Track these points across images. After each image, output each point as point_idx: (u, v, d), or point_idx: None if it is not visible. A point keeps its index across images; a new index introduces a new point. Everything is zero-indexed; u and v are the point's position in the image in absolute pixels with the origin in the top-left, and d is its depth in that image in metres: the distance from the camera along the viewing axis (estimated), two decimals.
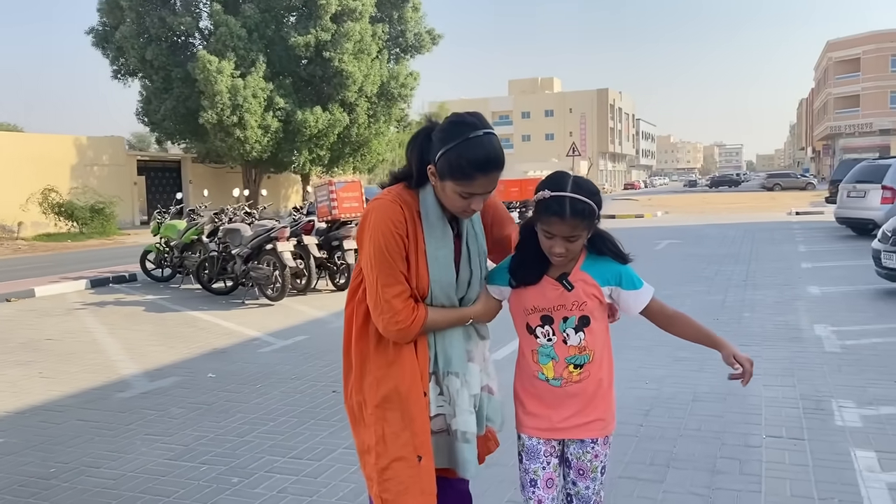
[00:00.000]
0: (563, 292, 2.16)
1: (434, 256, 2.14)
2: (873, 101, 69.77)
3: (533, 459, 2.23)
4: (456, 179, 2.04)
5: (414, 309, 2.11)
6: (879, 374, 5.42)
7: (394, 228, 2.09)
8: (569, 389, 2.19)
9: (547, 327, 2.18)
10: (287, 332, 7.87)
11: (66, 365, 6.69)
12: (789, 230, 19.39)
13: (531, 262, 2.18)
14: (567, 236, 2.08)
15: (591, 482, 2.24)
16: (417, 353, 2.16)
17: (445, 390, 2.19)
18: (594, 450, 2.23)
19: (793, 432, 4.28)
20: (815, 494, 3.45)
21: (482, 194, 2.08)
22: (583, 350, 2.17)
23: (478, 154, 2.01)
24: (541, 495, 2.21)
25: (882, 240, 9.08)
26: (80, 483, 3.90)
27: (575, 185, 2.09)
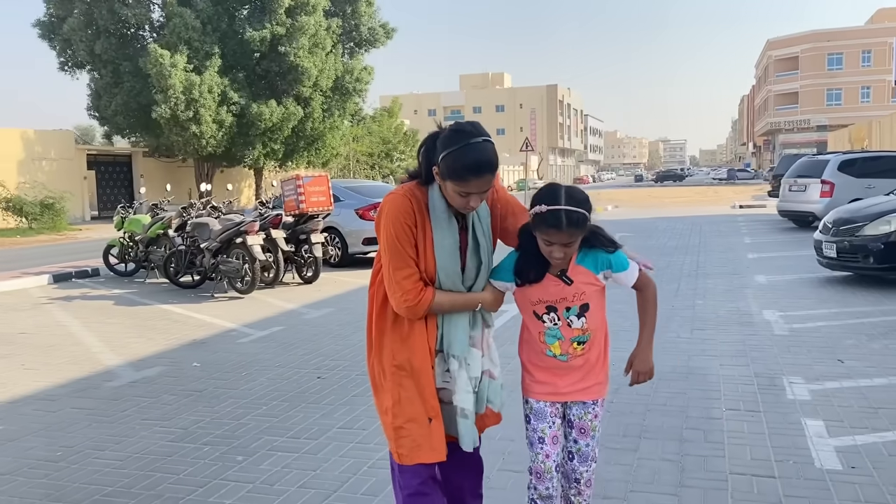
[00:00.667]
0: (563, 286, 2.46)
1: (440, 245, 2.42)
2: (811, 99, 72.18)
3: (540, 420, 2.55)
4: (454, 180, 2.32)
5: (422, 290, 2.40)
6: (823, 354, 5.90)
7: (403, 219, 2.39)
8: (573, 363, 2.52)
9: (552, 314, 2.49)
10: (262, 323, 8.07)
11: (48, 357, 6.78)
12: (734, 223, 20.17)
13: (533, 264, 2.45)
14: (565, 243, 2.36)
15: (590, 440, 2.57)
16: (427, 332, 2.46)
17: (450, 368, 2.49)
18: (594, 410, 2.56)
19: (749, 405, 4.70)
20: (772, 457, 3.86)
21: (478, 193, 2.35)
22: (585, 331, 2.50)
23: (471, 159, 2.29)
24: (548, 450, 2.54)
25: (823, 231, 9.68)
26: (88, 464, 4.09)
27: (568, 196, 2.35)
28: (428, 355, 2.47)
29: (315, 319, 8.19)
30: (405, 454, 2.48)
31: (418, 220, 2.42)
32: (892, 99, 64.08)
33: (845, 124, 53.36)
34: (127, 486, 3.77)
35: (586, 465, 2.57)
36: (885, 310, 7.56)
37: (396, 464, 2.56)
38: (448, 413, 2.51)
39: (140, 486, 3.76)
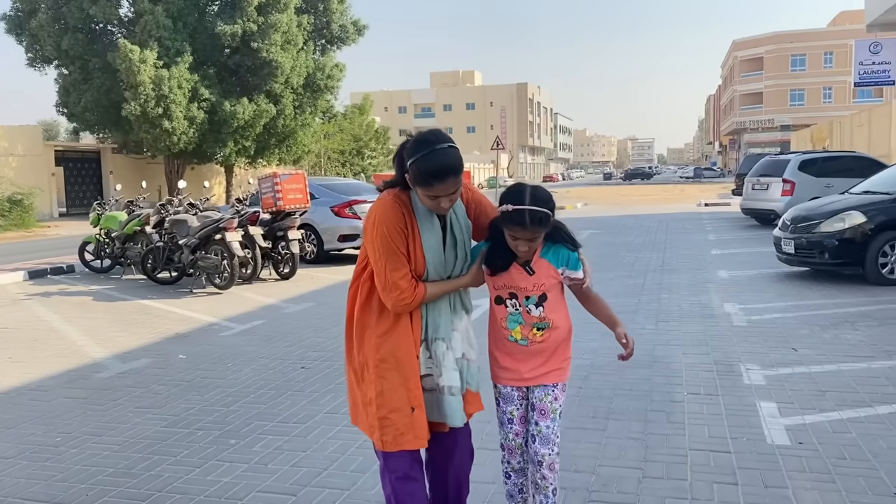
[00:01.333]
0: (526, 275, 2.69)
1: (428, 244, 2.62)
2: (775, 99, 73.61)
3: (508, 402, 2.81)
4: (421, 186, 2.50)
5: (415, 287, 2.59)
6: (779, 343, 6.28)
7: (396, 223, 2.58)
8: (533, 348, 2.74)
9: (514, 300, 2.73)
10: (243, 317, 8.28)
11: (34, 350, 6.94)
12: (699, 220, 20.71)
13: (500, 254, 2.69)
14: (529, 238, 2.59)
15: (550, 422, 2.74)
16: (412, 324, 2.65)
17: (433, 354, 2.68)
18: (554, 393, 2.76)
19: (709, 390, 5.05)
20: (728, 435, 4.20)
21: (446, 196, 2.52)
22: (543, 319, 2.72)
23: (435, 165, 2.45)
24: (517, 429, 2.81)
25: (782, 228, 10.13)
26: (87, 449, 4.30)
27: (532, 196, 2.56)
28: (413, 347, 2.64)
29: (295, 313, 8.42)
30: (389, 441, 2.64)
31: (408, 224, 2.60)
32: (853, 100, 65.52)
33: (808, 124, 54.59)
34: (127, 467, 3.99)
35: (548, 448, 2.72)
36: (837, 303, 7.99)
37: (381, 451, 2.70)
38: (430, 401, 2.69)
39: (139, 467, 3.99)
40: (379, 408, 2.64)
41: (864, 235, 9.12)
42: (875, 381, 5.13)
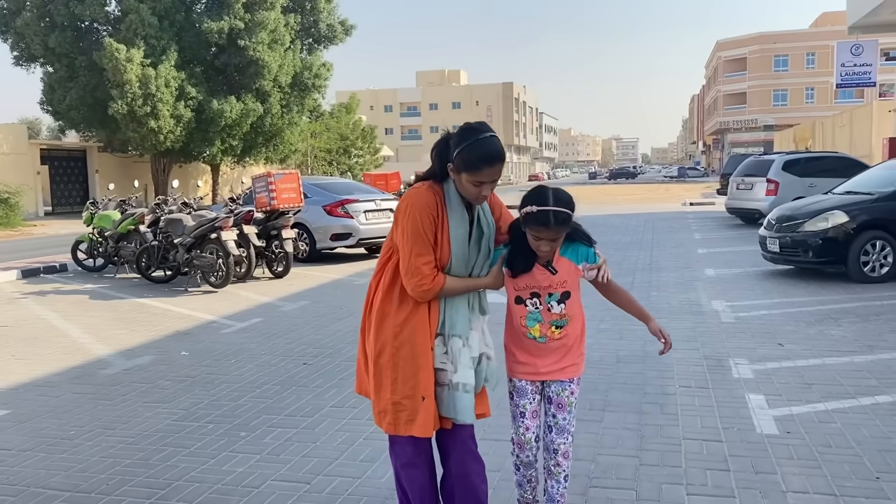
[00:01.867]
0: (549, 275, 2.79)
1: (455, 234, 2.72)
2: (758, 99, 74.31)
3: (522, 396, 2.90)
4: (469, 171, 2.62)
5: (436, 275, 2.68)
6: (766, 339, 6.50)
7: (429, 210, 2.69)
8: (551, 345, 2.84)
9: (535, 300, 2.82)
10: (241, 315, 8.41)
11: (36, 348, 7.04)
12: (685, 220, 20.99)
13: (523, 255, 2.79)
14: (552, 239, 2.71)
15: (567, 414, 2.88)
16: (430, 316, 2.74)
17: (450, 349, 2.74)
18: (570, 387, 2.89)
19: (700, 383, 5.25)
20: (719, 425, 4.39)
21: (489, 182, 2.66)
22: (563, 316, 2.82)
23: (483, 151, 2.60)
24: (528, 423, 2.90)
25: (767, 227, 10.37)
26: (102, 441, 4.44)
27: (555, 198, 2.68)
28: (429, 338, 2.73)
29: (292, 311, 8.55)
30: (400, 425, 2.74)
31: (440, 214, 2.70)
32: (835, 100, 66.22)
33: (791, 124, 55.21)
34: (143, 459, 4.13)
35: (563, 437, 2.86)
36: (821, 300, 8.23)
37: (389, 436, 2.83)
38: (442, 395, 2.75)
39: (155, 458, 4.13)
40: (392, 393, 2.74)
41: (846, 234, 9.37)
42: (858, 374, 5.35)
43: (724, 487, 3.55)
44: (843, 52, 27.90)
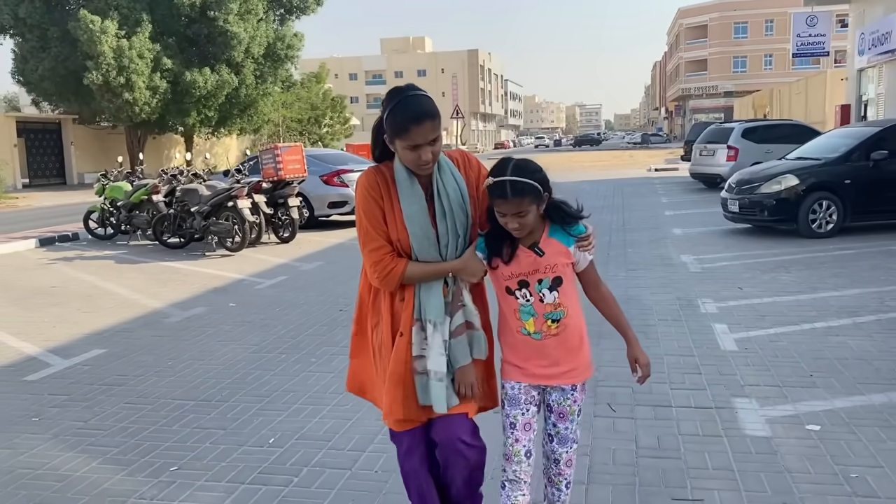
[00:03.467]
0: (535, 258, 2.51)
1: (408, 213, 2.49)
2: (719, 66, 75.92)
3: (513, 406, 2.60)
4: (399, 136, 2.41)
5: (392, 260, 2.50)
6: (727, 283, 7.71)
7: (368, 192, 2.52)
8: (548, 342, 2.53)
9: (524, 290, 2.53)
10: (266, 273, 9.41)
11: (94, 303, 7.97)
12: (651, 185, 22.26)
13: (502, 238, 2.52)
14: (516, 213, 2.41)
15: (569, 423, 2.61)
16: (405, 302, 2.56)
17: (427, 335, 2.53)
18: (573, 396, 2.59)
19: (674, 317, 6.43)
20: (692, 345, 5.57)
21: (425, 144, 2.41)
22: (558, 306, 2.52)
23: (408, 111, 2.38)
24: (518, 435, 2.58)
25: (727, 190, 11.60)
26: (199, 368, 5.46)
27: (515, 168, 2.42)
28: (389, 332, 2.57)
29: (311, 270, 9.57)
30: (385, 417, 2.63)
31: (384, 192, 2.51)
32: (792, 66, 67.97)
33: (750, 90, 56.90)
34: (240, 378, 5.18)
35: (565, 447, 2.62)
36: (774, 252, 9.48)
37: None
38: (422, 384, 2.55)
39: (249, 378, 5.18)
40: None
41: (797, 196, 10.61)
42: (801, 308, 6.57)
43: (697, 384, 4.71)
44: (799, 23, 29.26)
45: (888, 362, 4.98)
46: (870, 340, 5.51)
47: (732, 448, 3.75)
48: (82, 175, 36.14)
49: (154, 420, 4.43)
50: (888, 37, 20.66)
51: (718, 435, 3.92)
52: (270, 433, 4.15)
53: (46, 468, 3.81)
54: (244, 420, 4.37)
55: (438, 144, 2.46)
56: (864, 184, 10.52)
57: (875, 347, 5.33)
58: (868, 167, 10.57)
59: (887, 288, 7.16)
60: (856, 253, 9.17)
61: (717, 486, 3.35)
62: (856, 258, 8.84)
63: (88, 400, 4.84)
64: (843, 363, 5.00)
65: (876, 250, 9.25)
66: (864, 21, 23.66)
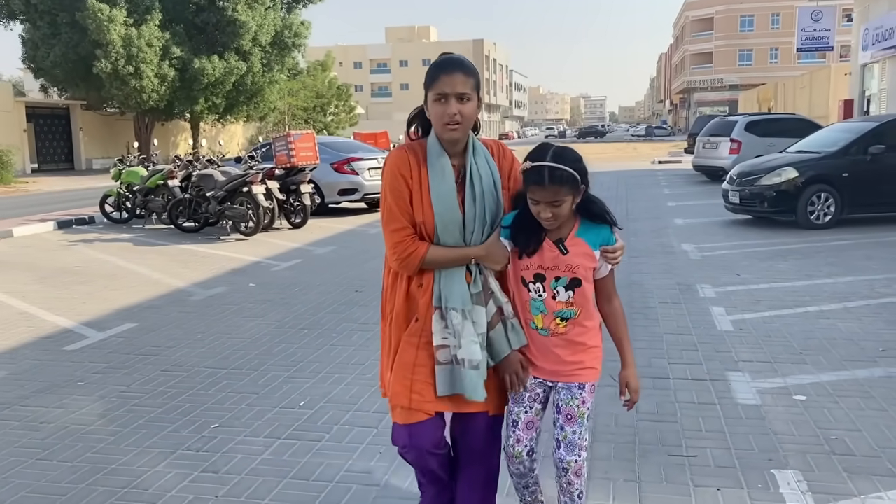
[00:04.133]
0: (558, 255, 2.41)
1: (437, 192, 2.40)
2: (724, 59, 75.99)
3: (517, 403, 2.54)
4: (428, 86, 2.40)
5: (414, 242, 2.41)
6: (725, 271, 8.05)
7: (396, 169, 2.43)
8: (555, 339, 2.48)
9: (538, 284, 2.45)
10: (282, 257, 9.76)
11: (119, 282, 8.33)
12: (654, 177, 22.56)
13: (529, 228, 2.43)
14: (551, 202, 2.32)
15: (577, 427, 2.47)
16: (423, 288, 2.47)
17: (449, 323, 2.42)
18: (581, 396, 2.48)
19: (674, 300, 6.77)
20: (690, 325, 5.91)
21: (452, 95, 2.34)
22: (570, 305, 2.45)
23: (440, 60, 2.43)
24: (520, 434, 2.53)
25: (729, 182, 11.92)
26: (227, 340, 5.81)
27: (555, 154, 2.33)
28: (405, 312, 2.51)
29: (325, 254, 9.92)
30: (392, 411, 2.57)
31: (413, 171, 2.43)
32: (798, 60, 68.00)
33: (755, 83, 57.01)
34: (267, 350, 5.53)
35: (574, 455, 2.48)
36: (773, 242, 9.81)
37: None
38: (446, 374, 2.44)
39: (276, 350, 5.53)
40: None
41: (796, 188, 10.93)
42: (796, 293, 6.91)
43: (694, 360, 5.06)
44: (804, 18, 29.51)
45: (873, 342, 5.32)
46: (858, 323, 5.85)
47: (725, 414, 4.09)
48: (90, 160, 36.53)
49: (191, 385, 4.79)
50: (892, 32, 20.91)
51: (712, 403, 4.26)
52: (300, 397, 4.51)
53: (97, 424, 4.17)
54: (274, 386, 4.72)
55: (469, 106, 2.38)
56: (861, 177, 10.84)
57: (862, 329, 5.67)
58: (865, 161, 10.88)
59: (878, 276, 7.50)
60: (851, 244, 9.49)
61: (710, 445, 3.70)
62: (851, 248, 9.17)
63: (127, 367, 5.20)
64: (831, 343, 5.34)
65: (870, 241, 9.58)
66: (869, 16, 23.87)
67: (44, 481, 3.50)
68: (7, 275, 8.96)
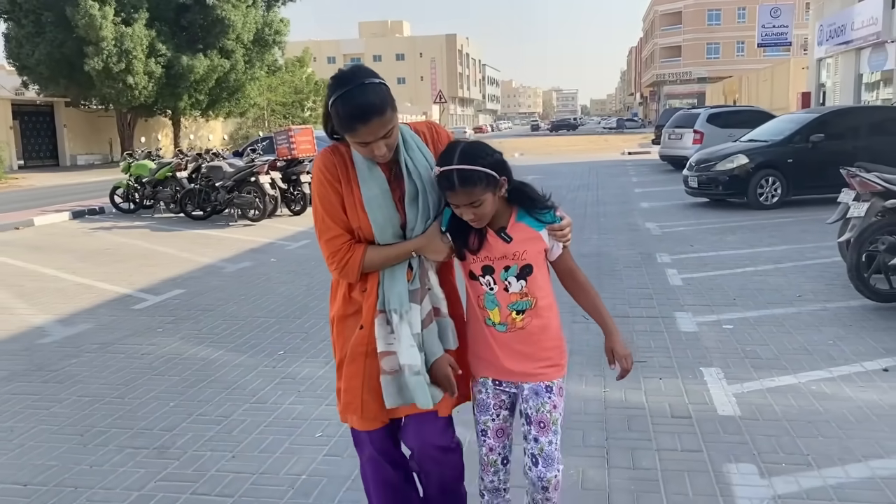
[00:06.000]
0: (502, 244, 2.29)
1: (368, 198, 2.24)
2: (693, 52, 77.89)
3: (483, 412, 2.43)
4: (345, 132, 2.15)
5: (350, 248, 2.26)
6: (682, 243, 9.36)
7: (323, 174, 2.27)
8: (514, 335, 2.33)
9: (488, 277, 2.32)
10: (292, 238, 10.92)
11: (153, 260, 9.43)
12: (624, 167, 23.95)
13: (466, 226, 2.29)
14: (468, 204, 2.19)
15: (552, 435, 2.34)
16: (367, 293, 2.32)
17: (394, 328, 2.28)
18: (551, 400, 2.34)
19: (637, 265, 8.06)
20: (648, 282, 7.20)
21: (376, 140, 2.14)
22: (524, 296, 2.30)
23: (350, 107, 2.09)
24: (491, 443, 2.43)
25: (688, 168, 13.28)
26: (266, 300, 6.99)
27: (462, 154, 2.18)
28: (348, 319, 2.38)
29: None
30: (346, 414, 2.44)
31: (342, 175, 2.28)
32: (764, 53, 69.95)
33: (723, 76, 58.87)
34: (303, 306, 6.72)
35: (553, 470, 2.36)
36: (725, 220, 11.18)
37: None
38: (391, 384, 2.31)
39: (311, 304, 6.71)
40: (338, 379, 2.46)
41: (747, 173, 12.29)
42: (738, 258, 8.24)
43: (650, 305, 6.33)
44: (764, 15, 31.10)
45: (794, 291, 6.65)
46: (784, 278, 7.18)
47: (670, 338, 5.38)
48: (75, 157, 37.20)
49: (250, 329, 5.98)
50: (843, 29, 22.48)
51: (661, 331, 5.55)
52: None
53: (188, 353, 5.36)
54: (319, 328, 5.93)
55: (393, 135, 2.20)
56: (803, 163, 12.22)
57: (787, 283, 7.01)
58: (807, 148, 12.26)
59: (809, 245, 8.86)
60: (792, 220, 10.88)
61: (657, 356, 4.97)
62: (791, 224, 10.56)
63: (192, 319, 6.38)
64: (759, 292, 6.66)
65: (809, 218, 10.97)
66: (824, 13, 25.48)
67: (160, 390, 4.68)
68: (49, 256, 10.03)
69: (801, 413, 3.95)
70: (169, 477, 3.49)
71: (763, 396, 4.20)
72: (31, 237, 11.97)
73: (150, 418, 4.20)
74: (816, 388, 4.30)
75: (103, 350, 5.52)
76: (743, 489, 3.17)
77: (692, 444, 3.61)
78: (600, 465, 3.45)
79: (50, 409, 4.38)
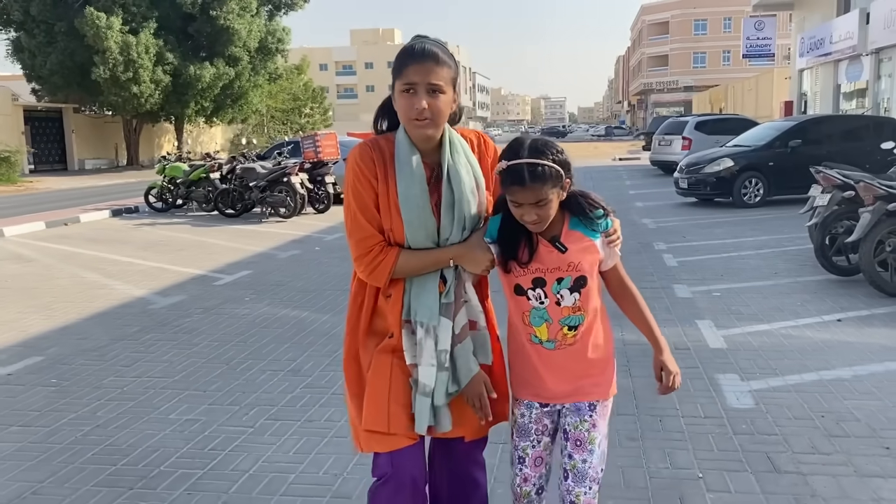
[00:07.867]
0: (556, 254, 2.16)
1: (405, 196, 2.13)
2: (679, 61, 79.56)
3: (523, 437, 2.28)
4: (397, 77, 2.11)
5: (381, 252, 2.14)
6: (675, 235, 10.67)
7: (359, 170, 2.16)
8: (564, 352, 2.21)
9: (539, 290, 2.18)
10: (326, 231, 12.14)
11: (207, 250, 10.61)
12: (616, 171, 25.31)
13: (517, 234, 2.16)
14: (534, 203, 2.07)
15: (588, 455, 2.19)
16: (392, 300, 2.20)
17: (418, 341, 2.17)
18: (592, 419, 2.21)
19: (637, 252, 9.35)
20: (648, 264, 8.48)
21: (421, 84, 2.06)
22: (577, 310, 2.19)
23: (408, 46, 2.13)
24: (527, 473, 2.28)
25: (679, 171, 14.62)
26: (325, 279, 8.20)
27: (532, 149, 2.08)
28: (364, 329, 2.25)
29: None
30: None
31: (379, 170, 2.16)
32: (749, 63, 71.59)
33: (709, 85, 60.44)
34: None
35: (583, 486, 2.18)
36: (712, 216, 12.51)
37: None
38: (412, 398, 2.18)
39: None
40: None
41: (732, 175, 13.64)
42: (725, 246, 9.54)
43: (651, 279, 7.60)
44: (748, 27, 32.65)
45: (770, 269, 7.97)
46: (764, 261, 8.49)
47: (670, 302, 6.65)
48: (83, 161, 38.21)
49: (324, 297, 7.22)
50: (822, 42, 23.98)
51: (662, 298, 6.82)
52: None
53: (280, 315, 6.58)
54: None
55: (442, 100, 2.10)
56: (783, 166, 13.57)
57: (766, 264, 8.31)
58: (787, 153, 13.61)
59: (786, 235, 10.19)
60: (773, 216, 12.23)
61: (659, 314, 6.22)
62: (771, 220, 11.90)
63: (269, 292, 7.60)
64: (742, 270, 7.97)
65: (788, 215, 12.27)
66: (805, 26, 27.01)
67: (271, 337, 5.88)
68: (111, 246, 11.20)
69: (773, 346, 5.24)
70: (311, 385, 4.71)
71: (744, 337, 5.48)
72: (85, 231, 13.11)
73: (276, 352, 5.43)
74: (784, 331, 5.60)
75: (209, 312, 6.74)
76: (728, 387, 4.45)
77: (691, 364, 4.88)
78: (623, 375, 4.70)
79: (192, 349, 5.60)
